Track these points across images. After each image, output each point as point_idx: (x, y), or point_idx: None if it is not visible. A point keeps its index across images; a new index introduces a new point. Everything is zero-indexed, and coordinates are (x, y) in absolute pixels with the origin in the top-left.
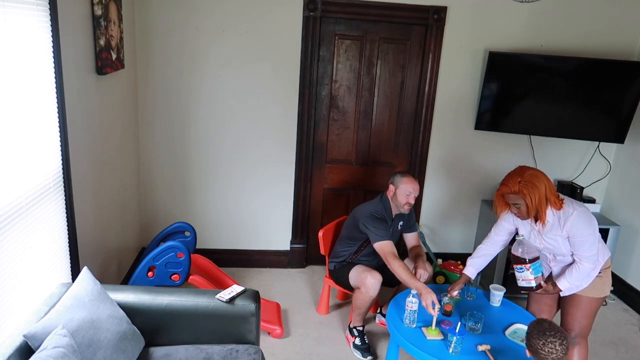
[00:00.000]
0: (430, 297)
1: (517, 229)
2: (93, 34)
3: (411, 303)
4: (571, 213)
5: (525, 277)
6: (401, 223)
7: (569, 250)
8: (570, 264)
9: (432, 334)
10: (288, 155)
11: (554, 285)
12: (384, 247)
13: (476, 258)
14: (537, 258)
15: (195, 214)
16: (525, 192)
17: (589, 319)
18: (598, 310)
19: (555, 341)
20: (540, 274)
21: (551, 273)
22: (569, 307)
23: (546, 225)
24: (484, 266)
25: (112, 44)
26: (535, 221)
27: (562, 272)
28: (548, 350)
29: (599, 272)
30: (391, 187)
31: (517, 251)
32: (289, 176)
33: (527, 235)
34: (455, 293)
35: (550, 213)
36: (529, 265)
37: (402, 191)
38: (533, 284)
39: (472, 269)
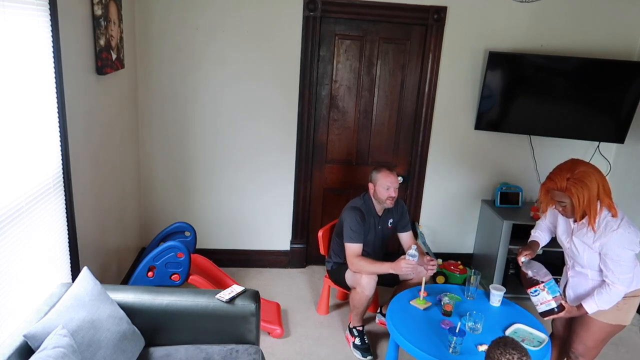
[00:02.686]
0: (401, 263)
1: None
2: (93, 34)
3: (412, 258)
4: (614, 230)
5: (543, 299)
6: (391, 220)
7: (592, 265)
8: (602, 282)
9: (421, 303)
10: (288, 155)
11: (579, 307)
12: (350, 249)
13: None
14: (550, 279)
15: (195, 214)
16: (573, 191)
17: (596, 343)
18: (611, 338)
19: (515, 354)
20: (559, 294)
21: (565, 289)
22: (577, 325)
23: (582, 228)
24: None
25: (112, 44)
26: (576, 220)
27: (584, 292)
28: None
29: None
30: (370, 185)
31: (527, 273)
32: (289, 176)
33: (560, 227)
34: (523, 259)
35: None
36: (542, 285)
37: (380, 187)
38: (553, 304)
39: (540, 237)
